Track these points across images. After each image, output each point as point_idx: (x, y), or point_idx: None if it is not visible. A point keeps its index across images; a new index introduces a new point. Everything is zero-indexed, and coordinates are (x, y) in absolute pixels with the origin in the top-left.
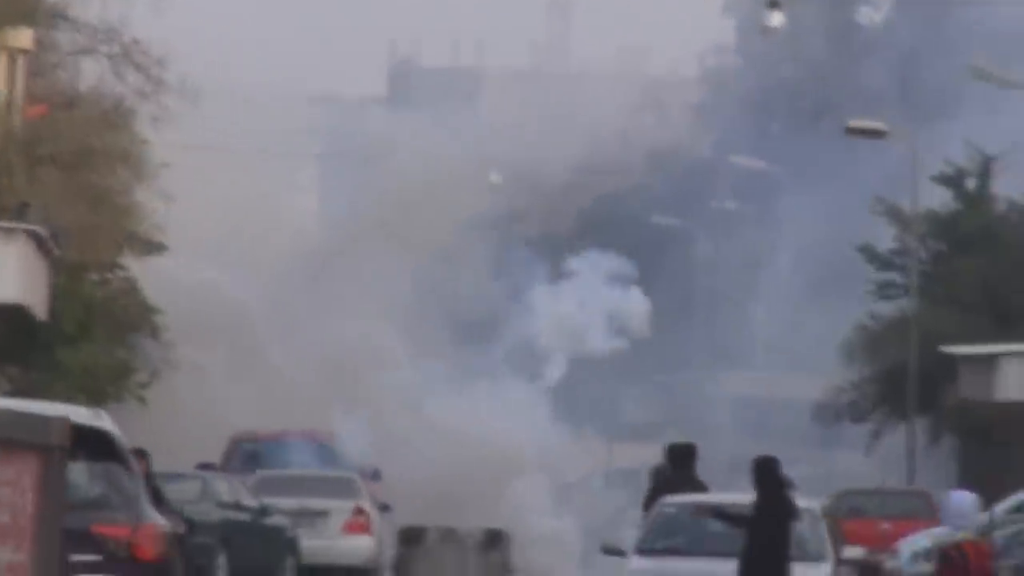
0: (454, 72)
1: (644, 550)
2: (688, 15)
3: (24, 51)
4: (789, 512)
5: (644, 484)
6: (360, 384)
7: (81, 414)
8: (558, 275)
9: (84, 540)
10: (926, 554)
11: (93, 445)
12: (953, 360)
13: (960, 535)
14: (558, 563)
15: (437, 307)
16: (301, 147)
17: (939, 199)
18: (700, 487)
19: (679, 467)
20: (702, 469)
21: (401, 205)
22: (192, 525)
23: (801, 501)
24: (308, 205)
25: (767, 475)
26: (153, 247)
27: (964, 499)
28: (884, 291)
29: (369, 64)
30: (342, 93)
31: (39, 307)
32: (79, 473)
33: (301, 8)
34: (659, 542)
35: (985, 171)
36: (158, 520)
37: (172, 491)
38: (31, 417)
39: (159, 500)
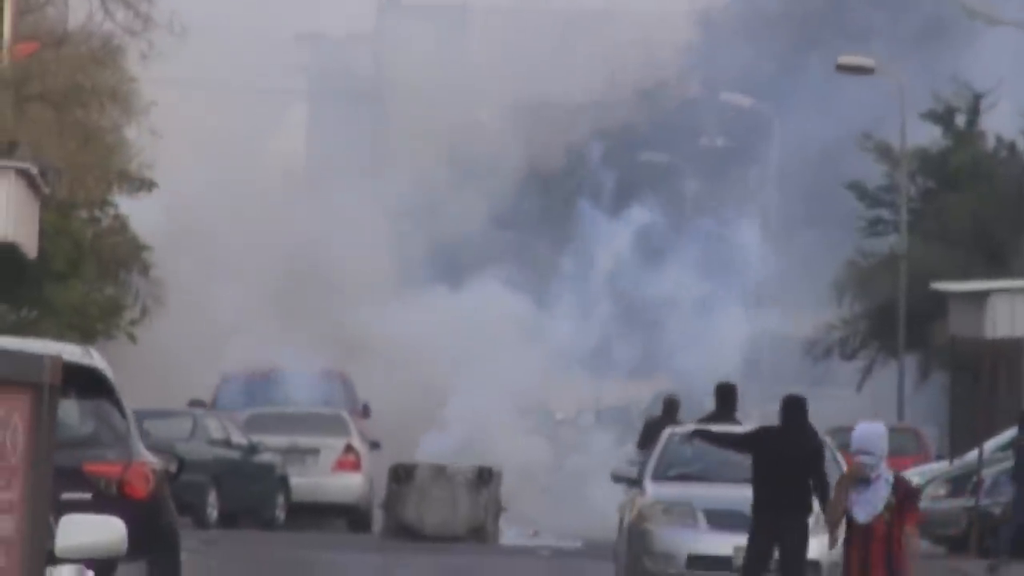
0: (440, 8)
1: (658, 477)
2: None
3: None
4: (820, 450)
5: (635, 423)
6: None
7: (72, 352)
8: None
9: (74, 478)
10: None
11: (83, 383)
12: (943, 297)
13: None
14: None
15: (424, 239)
16: (289, 84)
17: (928, 136)
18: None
19: (667, 413)
20: (693, 407)
21: (389, 144)
22: (183, 463)
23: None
24: (296, 143)
25: (797, 413)
26: (142, 184)
27: (870, 431)
28: (874, 228)
29: (355, 2)
30: (329, 30)
31: (29, 245)
32: (69, 411)
33: None
34: (672, 469)
35: (974, 108)
36: (149, 458)
37: (162, 428)
38: (23, 355)
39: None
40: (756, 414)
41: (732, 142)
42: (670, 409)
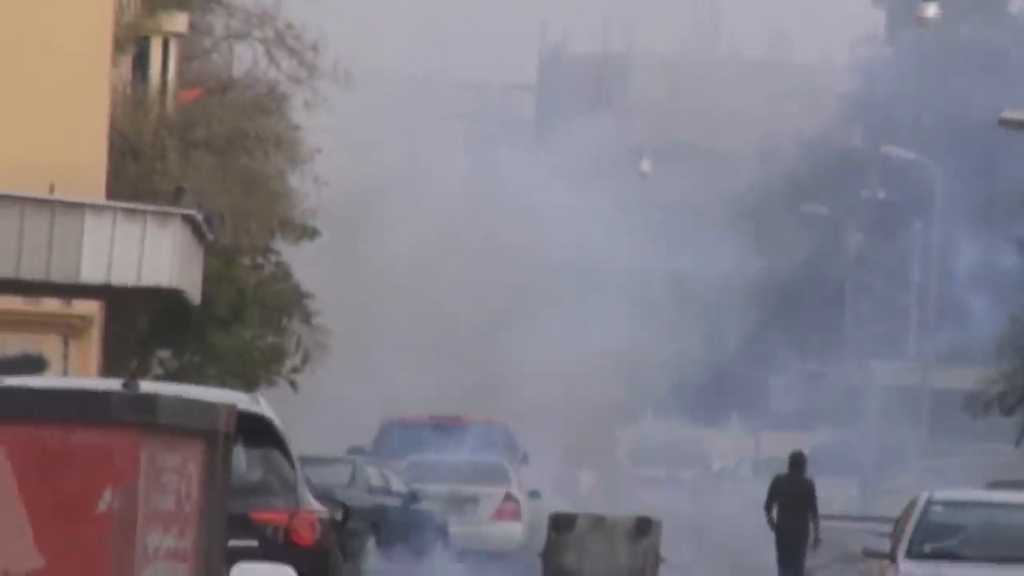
0: (603, 58)
1: (913, 553)
2: (838, 5)
3: (178, 35)
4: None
5: None
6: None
7: (241, 399)
8: None
9: (242, 526)
10: None
11: (252, 430)
12: None
13: None
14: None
15: None
16: (449, 131)
17: None
18: (807, 487)
19: (794, 468)
20: (847, 459)
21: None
22: (348, 512)
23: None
24: (456, 189)
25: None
26: (306, 232)
27: None
28: None
29: (519, 50)
30: (491, 79)
31: (193, 291)
32: (238, 458)
33: None
34: (929, 543)
35: None
36: (315, 506)
37: (322, 475)
38: (199, 404)
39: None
40: (917, 467)
41: (893, 195)
42: (796, 465)
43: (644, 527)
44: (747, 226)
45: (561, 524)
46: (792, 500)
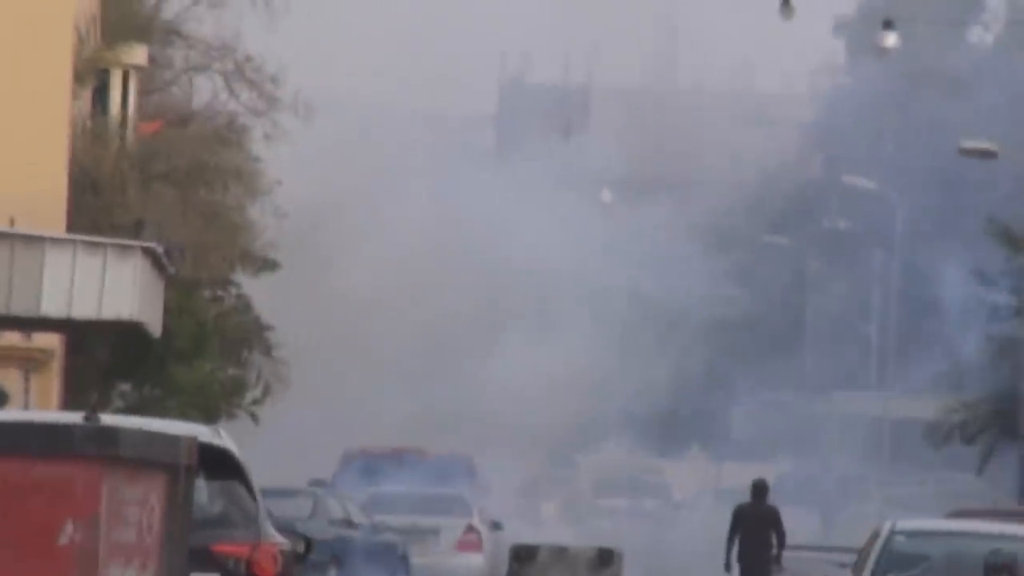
0: (564, 89)
1: None
2: (797, 35)
3: (138, 68)
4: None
5: None
6: None
7: (202, 432)
8: None
9: (204, 558)
10: None
11: (213, 463)
12: None
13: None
14: None
15: None
16: (410, 163)
17: None
18: (770, 514)
19: (756, 497)
20: (808, 489)
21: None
22: (310, 544)
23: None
24: (416, 215)
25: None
26: (266, 264)
27: None
28: (995, 312)
29: (479, 81)
30: (451, 110)
31: (154, 324)
32: (199, 491)
33: (411, 23)
34: (892, 574)
35: None
36: (277, 538)
37: (284, 507)
38: (161, 437)
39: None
40: (879, 496)
41: (854, 224)
42: (758, 493)
43: (606, 558)
44: (709, 255)
45: (523, 556)
46: (756, 527)
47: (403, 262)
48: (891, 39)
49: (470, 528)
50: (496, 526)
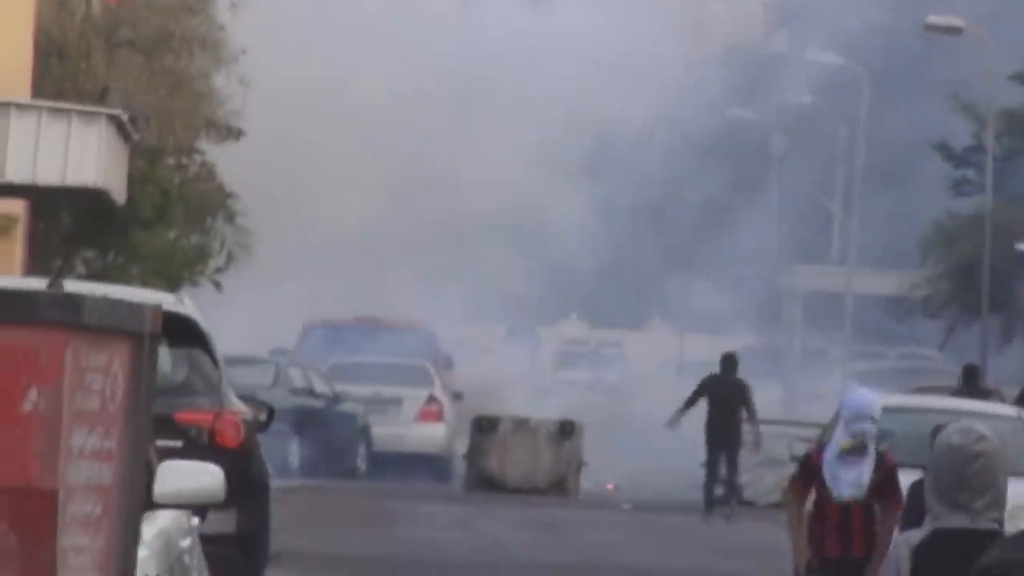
0: None
1: None
2: None
3: None
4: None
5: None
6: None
7: (166, 299)
8: None
9: (165, 427)
10: None
11: (176, 331)
12: None
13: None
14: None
15: None
16: (377, 33)
17: (1015, 97)
18: (740, 386)
19: (725, 370)
20: (774, 362)
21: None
22: (272, 412)
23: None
24: (381, 89)
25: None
26: (231, 132)
27: (871, 397)
28: (959, 188)
29: None
30: None
31: (118, 191)
32: (162, 359)
33: None
34: None
35: None
36: (239, 407)
37: (245, 375)
38: (125, 304)
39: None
40: (839, 370)
41: (819, 99)
42: (728, 366)
43: (567, 430)
44: (672, 131)
45: (484, 426)
46: (723, 400)
47: (368, 126)
48: None
49: (432, 398)
50: (458, 396)
